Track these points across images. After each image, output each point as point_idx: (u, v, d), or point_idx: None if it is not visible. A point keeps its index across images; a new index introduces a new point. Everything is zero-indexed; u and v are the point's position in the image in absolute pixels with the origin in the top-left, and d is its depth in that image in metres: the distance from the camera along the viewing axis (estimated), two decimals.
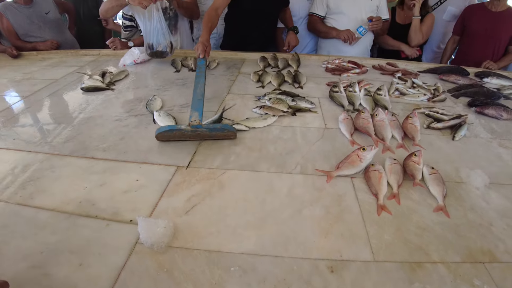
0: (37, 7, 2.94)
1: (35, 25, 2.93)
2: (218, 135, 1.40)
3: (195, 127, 1.37)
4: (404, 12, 2.84)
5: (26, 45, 2.91)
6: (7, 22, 2.84)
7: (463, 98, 1.93)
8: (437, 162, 1.26)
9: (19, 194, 1.09)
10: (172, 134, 1.38)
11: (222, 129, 1.41)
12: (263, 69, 2.24)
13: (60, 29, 3.12)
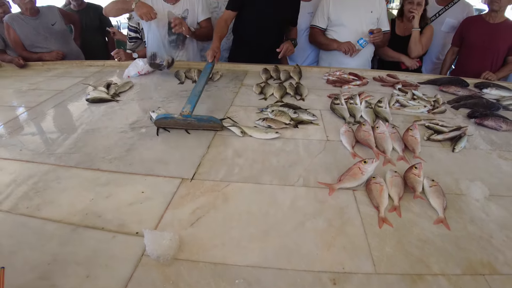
0: (43, 19, 3.00)
1: (41, 36, 2.99)
2: (205, 126, 1.60)
3: (185, 117, 1.58)
4: (403, 24, 2.87)
5: (32, 56, 2.97)
6: (14, 33, 2.90)
7: (463, 110, 1.95)
8: (437, 174, 1.28)
9: (26, 205, 1.11)
10: (167, 122, 1.59)
11: (208, 120, 1.60)
12: (265, 81, 2.27)
13: (66, 40, 3.17)
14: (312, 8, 2.90)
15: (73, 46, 3.28)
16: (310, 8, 2.90)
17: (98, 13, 3.85)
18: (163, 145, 1.48)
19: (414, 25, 2.73)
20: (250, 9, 2.52)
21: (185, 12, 2.57)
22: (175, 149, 1.44)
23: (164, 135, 1.57)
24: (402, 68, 2.86)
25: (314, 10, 2.88)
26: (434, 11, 3.22)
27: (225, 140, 1.52)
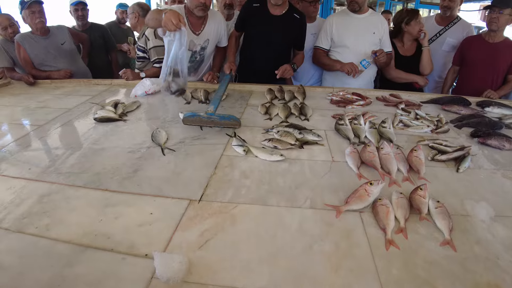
0: (53, 38, 3.09)
1: (51, 55, 3.07)
2: (226, 123, 1.82)
3: (210, 115, 1.81)
4: (403, 44, 2.95)
5: (41, 74, 3.04)
6: (24, 51, 2.98)
7: (466, 129, 1.97)
8: (442, 195, 1.29)
9: (35, 225, 1.12)
10: (193, 119, 1.83)
11: (229, 117, 1.83)
12: (270, 101, 2.31)
13: (74, 59, 3.26)
14: (315, 29, 2.97)
15: (81, 64, 3.36)
16: (313, 29, 2.97)
17: (101, 32, 3.96)
18: (171, 165, 1.50)
19: (424, 44, 2.84)
20: (255, 32, 2.60)
21: (205, 42, 2.60)
22: (183, 170, 1.46)
23: (171, 155, 1.59)
24: (417, 87, 2.94)
25: (317, 31, 2.95)
26: (434, 31, 3.29)
27: (232, 161, 1.53)
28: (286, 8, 2.55)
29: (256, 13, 2.55)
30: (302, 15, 2.63)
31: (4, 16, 3.18)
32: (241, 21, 2.63)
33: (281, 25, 2.55)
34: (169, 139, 1.76)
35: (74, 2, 3.73)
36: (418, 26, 2.82)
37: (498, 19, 2.68)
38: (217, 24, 2.54)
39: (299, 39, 2.68)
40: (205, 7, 2.30)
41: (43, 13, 2.98)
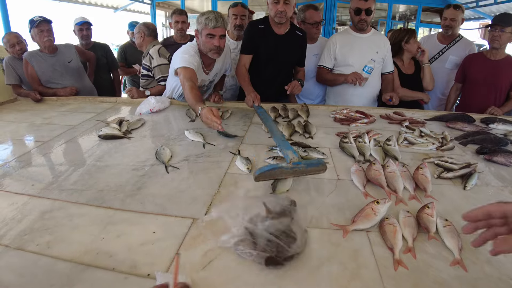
0: (60, 56, 3.16)
1: (57, 73, 3.14)
2: (313, 170, 1.45)
3: (296, 164, 1.42)
4: (403, 62, 3.02)
5: (47, 91, 3.11)
6: (32, 69, 3.05)
7: (471, 146, 1.96)
8: (450, 213, 1.27)
9: (36, 242, 1.10)
10: (271, 173, 1.39)
11: (317, 163, 1.46)
12: (274, 119, 2.31)
13: (80, 77, 3.33)
14: (318, 49, 3.02)
15: (86, 82, 3.43)
16: (316, 50, 3.02)
17: (104, 51, 4.09)
18: (174, 183, 1.49)
19: (425, 61, 2.93)
20: (263, 51, 2.65)
21: (214, 77, 2.69)
22: (186, 188, 1.45)
23: (175, 173, 1.58)
24: (422, 104, 3.04)
25: (319, 51, 2.99)
26: (437, 50, 3.34)
27: (236, 179, 1.52)
28: (288, 26, 2.62)
29: (262, 34, 2.61)
30: (303, 32, 2.70)
31: (12, 34, 3.28)
32: (250, 43, 2.64)
33: (285, 44, 2.61)
34: (173, 157, 1.75)
35: (79, 22, 3.84)
36: (416, 44, 2.89)
37: (500, 37, 2.71)
38: (225, 60, 2.68)
39: (301, 56, 2.73)
40: (219, 50, 2.33)
41: (51, 32, 3.07)
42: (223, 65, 2.69)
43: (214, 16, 2.24)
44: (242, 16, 3.13)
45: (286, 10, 2.43)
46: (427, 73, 2.95)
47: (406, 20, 11.14)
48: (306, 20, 2.95)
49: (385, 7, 8.30)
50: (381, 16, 8.97)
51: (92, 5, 8.39)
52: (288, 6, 2.43)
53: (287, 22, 2.59)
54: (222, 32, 2.29)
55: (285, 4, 2.41)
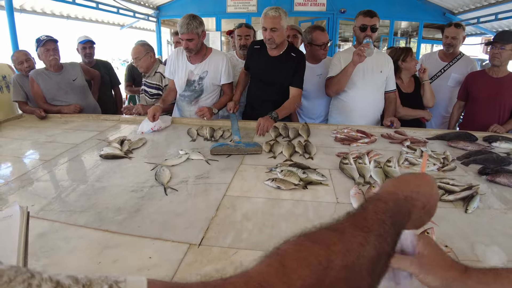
0: (65, 74, 3.23)
1: (62, 91, 3.20)
2: (251, 150, 2.08)
3: (237, 143, 2.10)
4: (402, 81, 3.04)
5: (52, 108, 3.17)
6: (37, 87, 3.13)
7: (474, 166, 1.94)
8: (451, 238, 1.24)
9: (32, 266, 1.08)
10: (221, 149, 2.06)
11: (254, 145, 2.12)
12: (274, 139, 2.32)
13: (84, 94, 3.39)
14: (321, 70, 3.04)
15: (91, 100, 3.49)
16: (320, 70, 3.04)
17: (107, 69, 4.20)
18: (172, 206, 1.48)
19: (425, 78, 2.94)
20: (255, 71, 2.75)
21: (204, 73, 2.80)
22: (184, 211, 1.44)
23: (173, 195, 1.58)
24: (424, 122, 3.03)
25: (323, 71, 3.01)
26: (439, 67, 3.36)
27: (234, 202, 1.51)
28: (284, 48, 2.66)
29: (256, 54, 2.71)
30: (299, 53, 2.71)
31: (21, 52, 3.39)
32: (247, 61, 2.81)
33: (277, 65, 2.65)
34: (173, 178, 1.75)
35: (82, 41, 3.94)
36: (414, 62, 2.92)
37: (500, 55, 2.72)
38: (218, 61, 2.81)
39: (295, 74, 2.68)
40: (188, 51, 2.69)
41: (57, 51, 3.15)
42: (215, 68, 2.81)
43: (181, 23, 2.57)
44: (246, 36, 3.22)
45: (274, 37, 2.50)
46: (427, 89, 2.96)
47: (408, 37, 11.23)
48: (313, 42, 2.96)
49: (387, 23, 8.39)
50: (383, 32, 9.05)
51: (99, 22, 8.57)
52: (276, 33, 2.49)
53: (282, 45, 2.64)
54: (188, 36, 2.59)
55: (272, 31, 2.49)
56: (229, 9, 8.30)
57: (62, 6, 6.63)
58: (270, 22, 2.46)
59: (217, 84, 2.89)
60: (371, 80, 2.81)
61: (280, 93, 2.71)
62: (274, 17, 2.44)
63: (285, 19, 2.49)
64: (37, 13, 6.53)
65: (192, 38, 2.61)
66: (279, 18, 2.44)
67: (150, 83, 3.28)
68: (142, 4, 8.07)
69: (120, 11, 7.60)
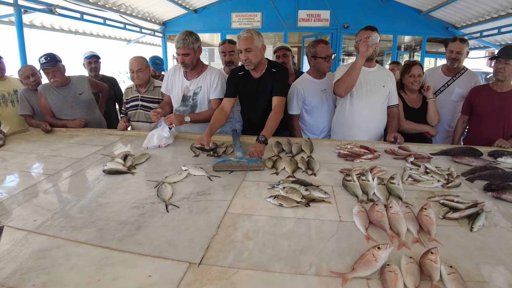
0: (72, 88, 3.29)
1: (68, 105, 3.26)
2: (253, 166, 2.08)
3: (239, 159, 2.11)
4: (408, 96, 3.05)
5: (57, 122, 3.22)
6: (45, 101, 3.20)
7: (479, 182, 1.91)
8: (455, 258, 1.22)
9: (32, 283, 1.09)
10: (224, 165, 2.08)
11: (256, 160, 2.12)
12: (277, 155, 2.32)
13: (90, 108, 3.44)
14: (325, 85, 3.05)
15: (96, 114, 3.54)
16: (323, 85, 3.05)
17: (112, 84, 4.30)
18: (173, 223, 1.47)
19: (430, 96, 2.91)
20: (243, 95, 2.80)
21: (198, 89, 2.88)
22: (185, 229, 1.43)
23: (175, 212, 1.57)
24: (428, 137, 3.00)
25: (326, 87, 3.02)
26: (442, 82, 3.36)
27: (235, 220, 1.50)
28: (265, 68, 2.69)
29: (241, 80, 2.74)
30: (280, 66, 2.74)
31: (27, 66, 3.48)
32: (230, 88, 2.77)
33: (262, 84, 2.69)
34: (174, 194, 1.75)
35: (88, 56, 4.02)
36: (411, 79, 2.95)
37: (504, 69, 2.72)
38: (212, 77, 2.87)
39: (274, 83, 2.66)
40: (184, 65, 2.79)
41: (57, 72, 3.17)
42: (209, 82, 2.88)
43: (177, 38, 2.69)
44: (230, 52, 3.27)
45: (250, 57, 2.54)
46: (431, 108, 2.96)
47: (412, 51, 11.29)
48: (317, 55, 2.97)
49: (390, 38, 8.47)
50: (387, 46, 9.12)
51: (106, 37, 8.72)
52: (251, 53, 2.53)
53: (260, 65, 2.66)
54: (184, 51, 2.69)
55: (247, 52, 2.52)
56: (234, 25, 8.45)
57: (71, 22, 6.77)
58: (243, 44, 2.51)
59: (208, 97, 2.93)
60: (373, 95, 2.81)
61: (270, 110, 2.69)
62: (246, 38, 2.50)
63: (258, 39, 2.53)
64: (46, 29, 6.68)
65: (188, 53, 2.70)
66: (251, 38, 2.50)
67: (150, 98, 3.28)
68: (149, 20, 8.21)
69: (127, 26, 7.74)
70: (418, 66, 2.98)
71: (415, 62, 3.03)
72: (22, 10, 4.87)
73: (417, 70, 2.96)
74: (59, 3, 5.45)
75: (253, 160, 2.12)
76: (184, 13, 8.67)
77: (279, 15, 8.24)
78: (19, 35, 4.83)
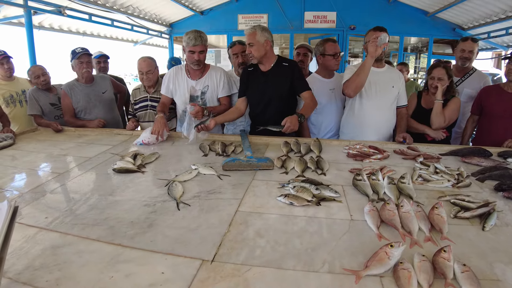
0: (96, 86, 3.35)
1: (91, 103, 3.32)
2: (263, 165, 2.09)
3: (249, 158, 2.16)
4: (428, 97, 2.95)
5: (77, 122, 3.26)
6: (69, 100, 3.25)
7: (489, 182, 1.90)
8: (468, 257, 1.21)
9: (46, 279, 1.09)
10: (233, 164, 2.09)
11: (265, 160, 2.14)
12: (286, 154, 2.32)
13: (111, 108, 3.51)
14: (333, 84, 3.07)
15: (116, 114, 3.63)
16: (332, 84, 3.07)
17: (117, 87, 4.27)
18: (185, 221, 1.48)
19: (437, 97, 2.78)
20: (253, 89, 2.81)
21: (205, 88, 2.94)
22: (196, 226, 1.44)
23: (186, 210, 1.58)
24: (428, 139, 2.86)
25: (335, 86, 3.03)
26: None
27: (246, 218, 1.50)
28: (273, 62, 2.74)
29: (251, 75, 2.80)
30: (290, 61, 2.78)
31: (37, 66, 3.53)
32: (242, 86, 2.87)
33: (271, 77, 2.73)
34: (185, 193, 1.75)
35: (97, 55, 4.05)
36: (431, 81, 2.85)
37: None
38: (217, 75, 3.00)
39: (295, 81, 2.72)
40: (199, 63, 2.86)
41: (90, 64, 3.28)
42: (215, 81, 2.99)
43: (194, 35, 2.73)
44: (242, 53, 3.27)
45: (252, 51, 2.64)
46: (434, 109, 2.80)
47: (418, 52, 11.25)
48: (325, 52, 3.01)
49: (397, 39, 8.44)
50: (393, 48, 9.09)
51: (114, 39, 8.79)
52: (254, 47, 2.62)
53: (267, 59, 2.72)
54: (201, 48, 2.79)
55: (250, 46, 2.63)
56: (240, 26, 8.48)
57: (79, 23, 6.84)
58: (247, 39, 2.63)
59: (216, 96, 3.03)
60: (383, 96, 2.81)
61: (282, 105, 2.75)
62: (250, 33, 2.61)
63: (260, 33, 2.60)
64: (54, 30, 6.75)
65: (204, 50, 2.81)
66: (254, 33, 2.59)
67: (159, 98, 3.31)
68: (156, 21, 8.27)
69: (134, 28, 7.80)
70: (441, 68, 2.82)
71: (438, 64, 2.90)
72: (32, 11, 4.93)
73: (438, 73, 2.81)
74: (68, 4, 5.51)
75: (263, 159, 2.14)
76: (190, 15, 8.73)
77: (285, 16, 8.26)
78: (29, 36, 4.89)
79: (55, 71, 3.69)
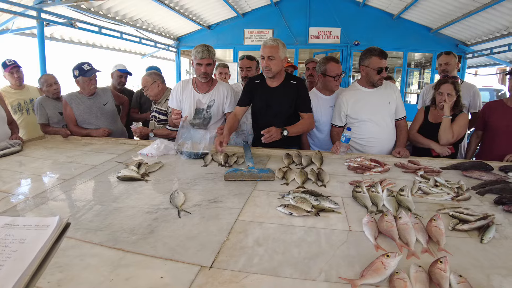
0: (97, 99, 3.40)
1: (93, 115, 3.36)
2: (264, 176, 2.10)
3: (250, 169, 2.14)
4: (436, 112, 2.96)
5: (81, 131, 3.32)
6: (70, 110, 3.30)
7: (489, 195, 1.90)
8: (465, 269, 1.22)
9: (48, 280, 1.12)
10: (235, 174, 2.10)
11: (267, 171, 2.14)
12: (287, 166, 2.34)
13: (113, 119, 3.55)
14: (333, 102, 3.09)
15: (119, 125, 3.68)
16: (332, 102, 3.08)
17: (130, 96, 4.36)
18: (185, 229, 1.50)
19: (445, 113, 2.79)
20: (258, 103, 2.84)
21: (211, 102, 2.99)
22: (196, 234, 1.46)
23: (186, 218, 1.60)
24: (434, 154, 2.86)
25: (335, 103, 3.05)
26: None
27: (246, 227, 1.52)
28: (283, 79, 2.76)
29: (257, 88, 2.81)
30: (298, 80, 2.80)
31: (50, 75, 3.67)
32: (245, 96, 2.87)
33: (278, 94, 2.74)
34: (186, 201, 1.78)
35: (122, 70, 4.17)
36: (439, 97, 2.85)
37: None
38: (224, 91, 3.05)
39: (299, 102, 2.76)
40: (206, 75, 2.92)
41: (96, 80, 3.34)
42: (222, 96, 3.04)
43: (202, 49, 2.80)
44: (247, 68, 3.38)
45: (271, 65, 2.61)
46: (442, 125, 2.81)
47: (422, 68, 11.29)
48: (327, 73, 3.02)
49: (401, 55, 8.51)
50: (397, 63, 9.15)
51: (122, 51, 8.96)
52: (273, 61, 2.60)
53: (279, 75, 2.74)
54: (208, 61, 2.84)
55: (269, 60, 2.60)
56: (246, 41, 8.61)
57: (89, 35, 7.00)
58: (268, 51, 2.59)
59: (222, 111, 3.08)
60: (380, 115, 2.85)
61: (284, 121, 2.75)
62: (272, 46, 2.58)
63: (282, 49, 2.61)
64: (65, 41, 6.91)
65: (211, 63, 2.87)
66: (277, 48, 2.58)
67: (160, 109, 3.41)
68: (163, 35, 8.43)
69: (142, 41, 7.95)
70: (449, 84, 2.81)
71: (446, 80, 2.89)
72: (44, 23, 5.06)
73: (447, 88, 2.80)
74: (79, 17, 5.65)
75: (264, 170, 2.15)
76: (198, 29, 8.88)
77: (290, 32, 8.39)
78: (41, 47, 5.01)
79: (64, 81, 3.76)
